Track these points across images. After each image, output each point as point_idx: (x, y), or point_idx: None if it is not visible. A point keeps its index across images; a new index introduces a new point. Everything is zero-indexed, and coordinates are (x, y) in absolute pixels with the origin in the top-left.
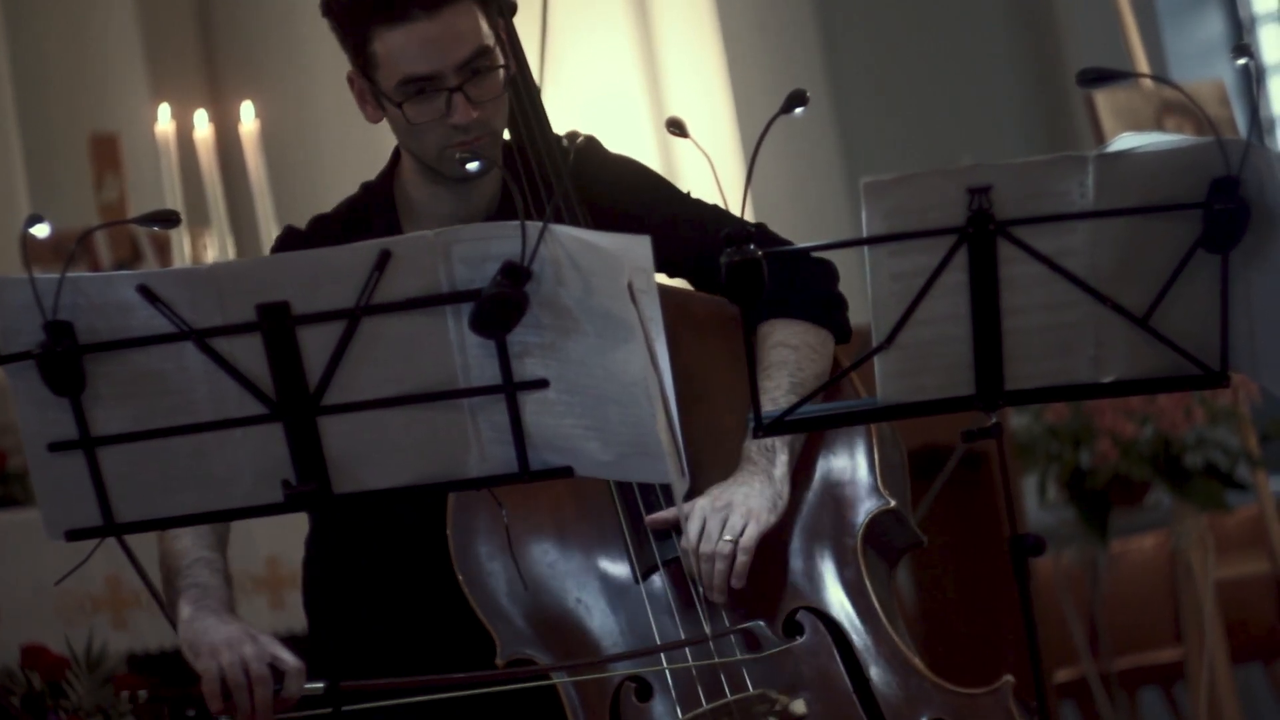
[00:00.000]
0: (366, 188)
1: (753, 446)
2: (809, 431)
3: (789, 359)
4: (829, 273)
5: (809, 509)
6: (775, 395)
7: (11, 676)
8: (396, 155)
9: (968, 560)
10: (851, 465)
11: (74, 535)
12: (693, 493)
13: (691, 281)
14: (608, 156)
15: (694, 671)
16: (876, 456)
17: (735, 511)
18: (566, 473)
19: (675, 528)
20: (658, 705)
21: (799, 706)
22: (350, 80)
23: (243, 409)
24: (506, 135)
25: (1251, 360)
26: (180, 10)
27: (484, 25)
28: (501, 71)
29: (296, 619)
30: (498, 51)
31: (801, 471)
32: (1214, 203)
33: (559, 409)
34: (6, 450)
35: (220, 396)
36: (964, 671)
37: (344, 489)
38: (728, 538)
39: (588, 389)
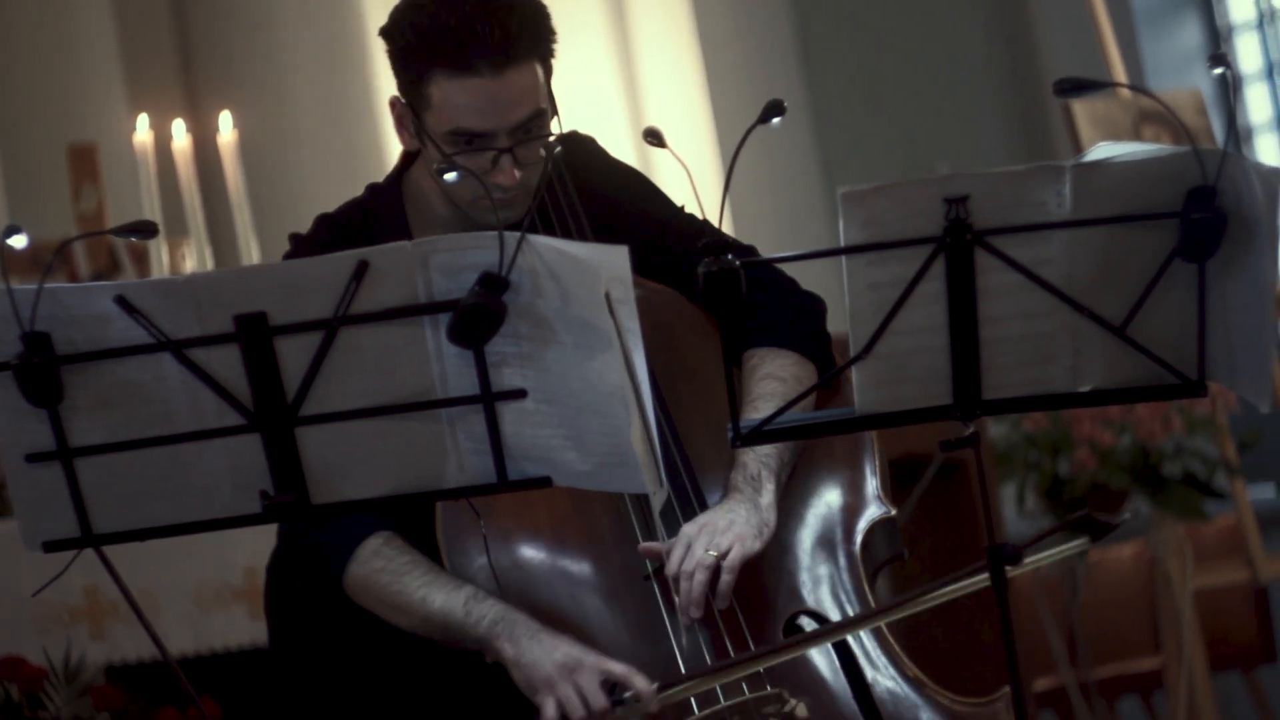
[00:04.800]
0: (373, 189)
1: (739, 477)
2: (787, 441)
3: (777, 391)
4: (819, 308)
5: (812, 513)
6: None
7: None
8: (405, 157)
9: (945, 569)
10: (856, 472)
11: (51, 546)
12: (696, 488)
13: (675, 289)
14: (604, 155)
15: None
16: (879, 464)
17: (721, 534)
18: (545, 483)
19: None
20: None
21: (802, 710)
22: (392, 104)
23: (220, 420)
24: None
25: (1229, 369)
26: (158, 21)
27: (542, 84)
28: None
29: None
30: (549, 112)
31: (806, 476)
32: (1191, 212)
33: (537, 419)
34: None
35: (198, 407)
36: (943, 681)
37: (322, 499)
38: (711, 553)
39: (565, 399)
